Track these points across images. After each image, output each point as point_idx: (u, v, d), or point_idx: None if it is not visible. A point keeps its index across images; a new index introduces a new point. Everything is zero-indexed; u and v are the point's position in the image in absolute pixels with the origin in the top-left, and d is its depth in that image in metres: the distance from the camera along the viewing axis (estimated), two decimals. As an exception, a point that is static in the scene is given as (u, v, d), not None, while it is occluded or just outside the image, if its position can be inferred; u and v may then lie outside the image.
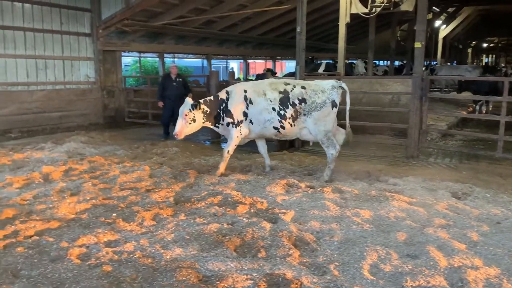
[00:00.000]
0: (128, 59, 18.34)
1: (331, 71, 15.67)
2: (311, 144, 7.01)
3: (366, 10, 11.25)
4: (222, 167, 6.61)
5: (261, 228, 4.40)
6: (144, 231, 4.51)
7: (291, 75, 15.37)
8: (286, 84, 6.44)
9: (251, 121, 6.45)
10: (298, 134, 6.54)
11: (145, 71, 17.75)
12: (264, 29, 17.49)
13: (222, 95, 6.59)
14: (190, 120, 6.31)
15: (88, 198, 5.49)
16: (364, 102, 9.85)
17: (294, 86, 6.35)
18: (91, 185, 6.09)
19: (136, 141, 9.90)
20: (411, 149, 8.03)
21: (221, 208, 5.08)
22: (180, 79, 10.51)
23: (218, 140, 10.45)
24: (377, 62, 24.49)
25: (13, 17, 10.49)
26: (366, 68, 18.53)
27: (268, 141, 7.04)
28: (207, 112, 6.46)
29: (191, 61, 22.01)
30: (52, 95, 11.36)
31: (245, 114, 6.42)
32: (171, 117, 10.52)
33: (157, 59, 15.72)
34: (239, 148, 8.88)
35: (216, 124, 6.62)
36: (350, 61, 20.72)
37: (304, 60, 9.66)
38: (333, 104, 6.27)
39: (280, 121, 6.29)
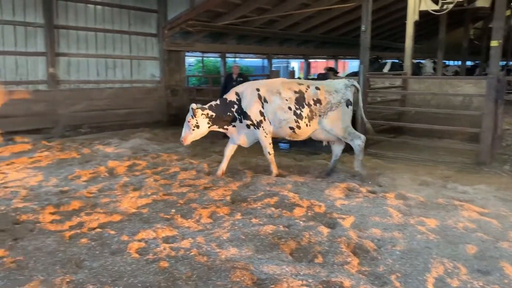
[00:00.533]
0: (191, 59, 18.80)
1: (397, 71, 15.05)
2: (324, 144, 6.80)
3: (437, 7, 10.63)
4: (273, 168, 6.53)
5: (318, 232, 4.26)
6: (201, 229, 4.53)
7: (354, 74, 14.98)
8: (300, 84, 6.42)
9: (268, 120, 6.38)
10: (310, 135, 6.52)
11: (207, 70, 18.10)
12: (327, 28, 17.19)
13: (231, 96, 6.46)
14: (193, 127, 6.24)
15: (149, 193, 5.64)
16: (433, 104, 9.34)
17: (308, 87, 6.34)
18: (152, 180, 6.26)
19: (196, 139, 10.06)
20: (484, 155, 7.46)
21: (277, 210, 4.99)
22: (241, 79, 10.58)
23: (274, 140, 10.37)
24: (447, 62, 23.17)
25: (86, 18, 11.11)
26: (434, 68, 17.58)
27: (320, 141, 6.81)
28: (213, 117, 6.33)
29: (251, 61, 22.16)
30: (120, 93, 11.88)
31: (262, 114, 6.32)
32: None
33: (219, 58, 15.95)
34: (297, 149, 8.80)
35: (225, 127, 6.52)
36: (417, 60, 19.79)
37: (369, 60, 9.31)
38: (348, 103, 6.31)
39: (296, 121, 6.23)
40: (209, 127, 6.40)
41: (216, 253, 3.85)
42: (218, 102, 6.47)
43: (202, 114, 6.25)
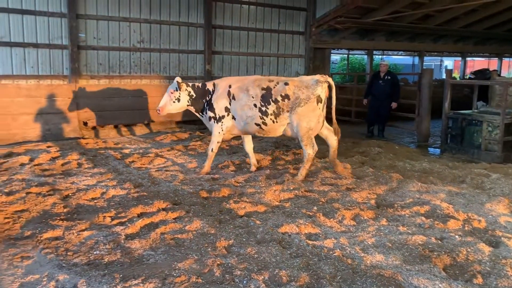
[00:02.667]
0: (335, 57, 18.59)
1: None
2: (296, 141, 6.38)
3: None
4: (206, 166, 6.58)
5: (478, 250, 3.79)
6: (344, 230, 4.41)
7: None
8: (270, 81, 6.29)
9: (233, 117, 6.37)
10: (282, 131, 6.34)
11: (352, 68, 17.68)
12: (491, 22, 15.31)
13: (210, 86, 6.59)
14: (174, 99, 6.43)
15: (291, 188, 5.71)
16: None
17: (278, 83, 6.21)
18: (294, 176, 6.32)
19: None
20: None
21: (428, 220, 4.60)
22: (389, 77, 10.07)
23: (425, 144, 9.67)
24: None
25: (240, 18, 11.78)
26: None
27: (489, 150, 6.04)
28: (193, 97, 6.53)
29: (400, 58, 20.96)
30: (266, 89, 12.32)
31: (227, 110, 6.35)
32: (376, 116, 10.23)
33: (365, 56, 15.45)
34: (451, 155, 8.03)
35: (200, 113, 6.68)
36: None
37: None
38: (318, 100, 6.07)
39: (261, 118, 6.16)
40: (187, 106, 6.59)
41: (361, 258, 3.70)
42: (200, 85, 6.62)
43: (186, 89, 6.48)
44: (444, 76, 13.39)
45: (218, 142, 6.53)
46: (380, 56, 16.86)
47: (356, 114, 11.96)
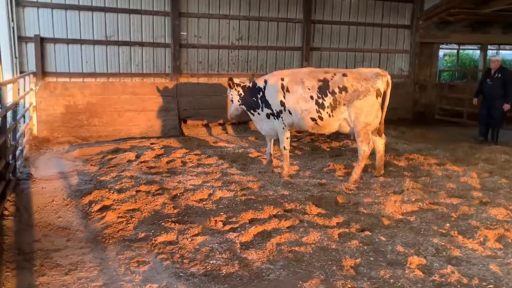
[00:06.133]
0: (445, 51, 17.03)
1: None
2: (351, 138, 6.16)
3: None
4: (285, 167, 6.21)
5: None
6: (490, 254, 3.72)
7: None
8: (326, 72, 5.93)
9: (289, 111, 5.95)
10: (337, 127, 5.94)
11: (462, 64, 16.06)
12: None
13: (260, 82, 6.23)
14: (229, 100, 6.45)
15: (413, 200, 5.06)
16: None
17: (335, 74, 5.84)
18: (413, 185, 5.64)
19: (450, 142, 8.94)
20: None
21: None
22: (499, 75, 8.84)
23: None
24: None
25: (341, 12, 11.16)
26: None
27: None
28: (242, 96, 6.35)
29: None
30: (366, 87, 11.58)
31: (282, 104, 5.95)
32: (489, 118, 9.06)
33: (478, 51, 13.96)
34: None
35: (252, 111, 6.37)
36: None
37: None
38: (378, 93, 5.69)
39: (318, 111, 5.77)
40: (239, 105, 6.44)
41: (524, 293, 3.02)
42: (250, 84, 6.34)
43: (235, 89, 6.34)
44: None
45: (287, 138, 6.20)
46: (496, 51, 15.13)
47: (468, 115, 10.76)
